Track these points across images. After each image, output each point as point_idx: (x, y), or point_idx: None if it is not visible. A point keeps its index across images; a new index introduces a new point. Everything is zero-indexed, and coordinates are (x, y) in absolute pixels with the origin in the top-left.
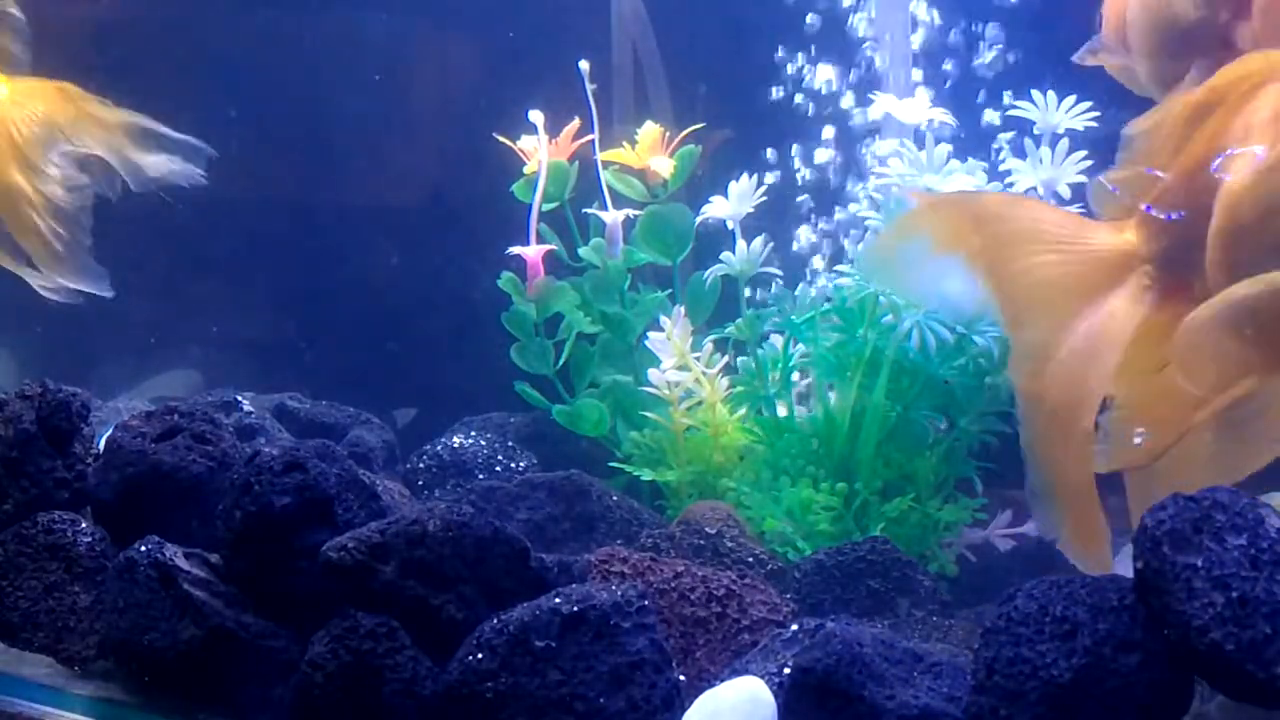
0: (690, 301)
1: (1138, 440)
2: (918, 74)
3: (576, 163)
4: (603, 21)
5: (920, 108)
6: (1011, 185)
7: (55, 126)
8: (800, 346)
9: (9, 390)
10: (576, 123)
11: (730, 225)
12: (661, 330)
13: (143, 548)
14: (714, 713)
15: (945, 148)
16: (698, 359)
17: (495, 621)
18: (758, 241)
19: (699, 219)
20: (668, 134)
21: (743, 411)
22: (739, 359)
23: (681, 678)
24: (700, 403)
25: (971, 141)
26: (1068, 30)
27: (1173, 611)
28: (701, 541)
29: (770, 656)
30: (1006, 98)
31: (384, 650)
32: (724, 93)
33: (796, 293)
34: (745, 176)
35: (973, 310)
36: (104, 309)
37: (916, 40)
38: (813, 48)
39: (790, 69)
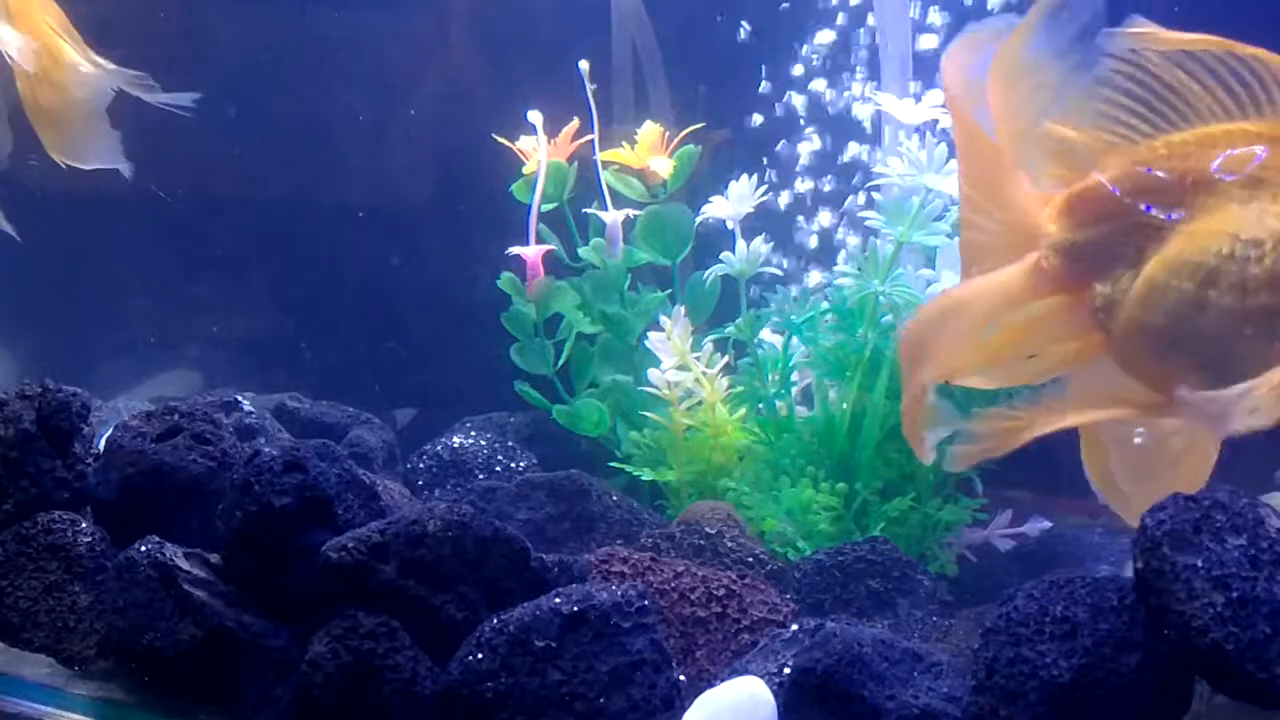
0: (690, 301)
1: (1138, 440)
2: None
3: (576, 163)
4: (603, 21)
5: (920, 107)
6: None
7: None
8: (800, 346)
9: (9, 390)
10: (575, 123)
11: (730, 225)
12: (661, 330)
13: (143, 548)
14: (714, 713)
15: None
16: (698, 359)
17: (495, 621)
18: (758, 241)
19: (699, 219)
20: (667, 134)
21: (743, 411)
22: (740, 359)
23: (681, 678)
24: (700, 403)
25: None
26: None
27: (1173, 611)
28: (701, 541)
29: (770, 656)
30: None
31: (384, 650)
32: (724, 92)
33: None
34: (745, 176)
35: None
36: (104, 309)
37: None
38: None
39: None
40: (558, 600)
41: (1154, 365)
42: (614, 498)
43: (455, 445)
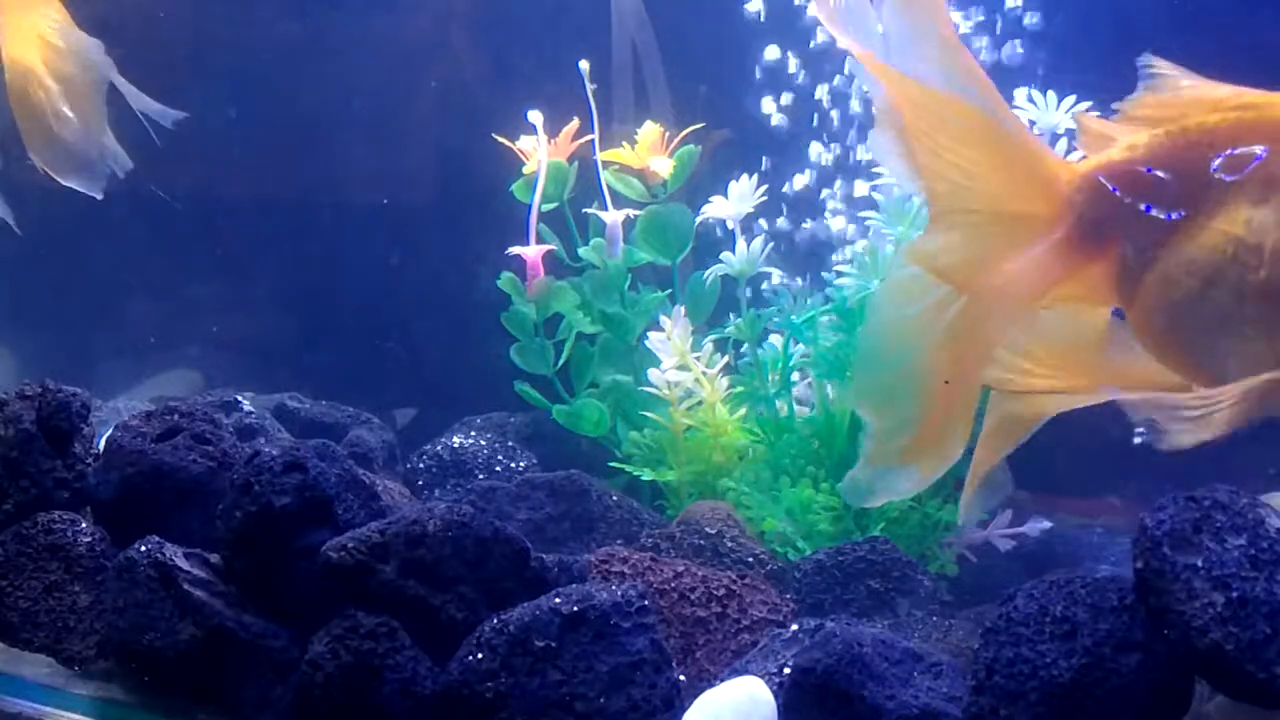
0: (690, 301)
1: (1138, 441)
2: None
3: (576, 163)
4: (603, 21)
5: None
6: None
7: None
8: (800, 346)
9: (9, 390)
10: (575, 123)
11: (730, 225)
12: (661, 330)
13: (143, 548)
14: (714, 713)
15: None
16: (698, 359)
17: (495, 621)
18: (758, 241)
19: (699, 219)
20: (667, 134)
21: (743, 411)
22: (740, 359)
23: (681, 678)
24: (700, 403)
25: None
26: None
27: (1173, 612)
28: (701, 541)
29: (770, 656)
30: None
31: (384, 650)
32: (724, 92)
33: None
34: (745, 176)
35: None
36: (104, 309)
37: None
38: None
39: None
40: (558, 600)
41: (1158, 347)
42: (614, 498)
43: (455, 445)
